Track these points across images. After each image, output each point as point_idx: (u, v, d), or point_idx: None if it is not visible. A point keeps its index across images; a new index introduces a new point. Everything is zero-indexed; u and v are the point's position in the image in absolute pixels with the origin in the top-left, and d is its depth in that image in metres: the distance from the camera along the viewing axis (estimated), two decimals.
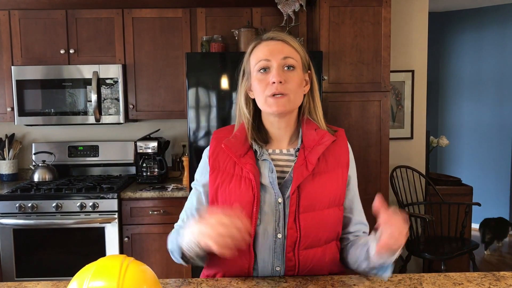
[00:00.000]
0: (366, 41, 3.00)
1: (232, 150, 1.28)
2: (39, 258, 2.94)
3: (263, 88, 1.25)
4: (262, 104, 1.27)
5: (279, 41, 1.27)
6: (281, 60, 1.24)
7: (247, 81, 1.32)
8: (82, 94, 3.19)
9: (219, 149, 1.32)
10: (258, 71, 1.26)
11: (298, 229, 1.23)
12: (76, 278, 0.93)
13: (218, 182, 1.29)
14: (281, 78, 1.22)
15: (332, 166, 1.29)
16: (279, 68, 1.23)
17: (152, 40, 3.24)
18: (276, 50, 1.25)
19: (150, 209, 2.98)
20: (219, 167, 1.31)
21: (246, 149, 1.29)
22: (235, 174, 1.28)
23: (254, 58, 1.28)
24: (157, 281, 0.99)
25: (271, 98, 1.24)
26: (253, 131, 1.31)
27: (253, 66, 1.28)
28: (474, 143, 5.37)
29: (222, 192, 1.28)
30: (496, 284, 1.23)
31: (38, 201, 2.89)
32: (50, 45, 3.23)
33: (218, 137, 1.36)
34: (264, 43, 1.28)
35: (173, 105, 3.27)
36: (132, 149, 3.49)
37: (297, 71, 1.26)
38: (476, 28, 5.28)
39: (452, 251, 3.21)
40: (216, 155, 1.32)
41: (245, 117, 1.33)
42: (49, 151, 3.44)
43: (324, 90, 2.96)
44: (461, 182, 3.93)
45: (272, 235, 1.25)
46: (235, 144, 1.29)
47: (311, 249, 1.26)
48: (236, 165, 1.28)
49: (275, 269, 1.27)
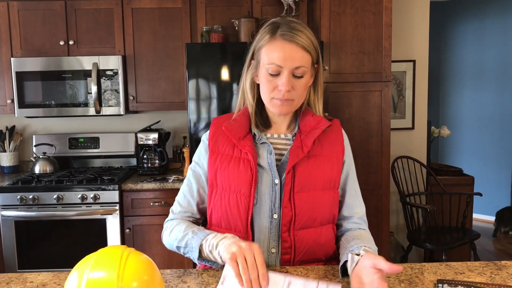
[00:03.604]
0: (367, 30, 2.98)
1: (232, 132, 1.31)
2: (41, 250, 2.95)
3: (270, 89, 1.27)
4: (267, 102, 1.30)
5: (294, 44, 1.23)
6: (293, 69, 1.23)
7: (255, 68, 1.32)
8: (82, 86, 3.17)
9: (219, 133, 1.36)
10: (268, 72, 1.25)
11: (292, 208, 1.27)
12: (76, 269, 0.93)
13: (217, 164, 1.33)
14: (289, 87, 1.24)
15: (327, 150, 1.33)
16: (289, 76, 1.24)
17: (152, 31, 3.22)
18: (290, 58, 1.22)
19: (151, 200, 2.98)
20: (218, 151, 1.35)
21: (246, 132, 1.33)
22: (234, 156, 1.32)
23: (267, 55, 1.25)
24: (157, 272, 0.99)
25: (277, 101, 1.27)
26: (256, 117, 1.35)
27: (264, 63, 1.26)
28: (476, 133, 5.36)
29: (221, 174, 1.32)
30: (498, 273, 1.23)
31: (39, 193, 2.89)
32: (50, 36, 3.21)
33: (218, 122, 1.40)
34: (280, 43, 1.24)
35: (173, 97, 3.26)
36: (133, 141, 3.48)
37: (306, 78, 1.27)
38: (478, 17, 5.24)
39: (454, 241, 3.21)
40: (216, 139, 1.36)
41: (249, 101, 1.35)
42: (49, 143, 3.44)
43: (325, 80, 2.95)
44: (462, 172, 3.92)
45: (268, 216, 1.28)
46: (235, 126, 1.33)
47: (306, 229, 1.28)
48: (235, 147, 1.32)
49: (271, 251, 1.29)
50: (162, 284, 0.99)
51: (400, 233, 3.76)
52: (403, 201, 3.46)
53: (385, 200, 3.08)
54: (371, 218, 3.09)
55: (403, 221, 3.71)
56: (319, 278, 1.18)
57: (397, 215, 3.76)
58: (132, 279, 0.91)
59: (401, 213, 3.71)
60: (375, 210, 3.07)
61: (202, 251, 1.22)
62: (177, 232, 1.32)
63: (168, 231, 1.36)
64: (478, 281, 1.18)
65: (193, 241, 1.24)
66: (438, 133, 4.00)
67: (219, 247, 1.15)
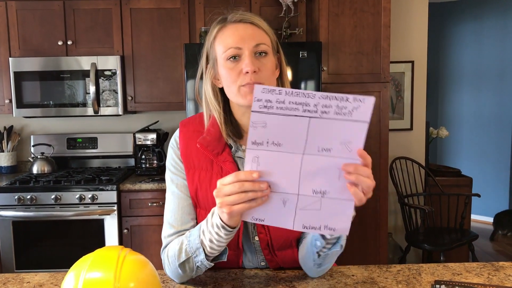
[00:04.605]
0: (366, 31, 2.98)
1: (208, 149, 1.18)
2: (38, 250, 2.94)
3: (234, 78, 1.13)
4: (234, 95, 1.15)
5: (249, 24, 1.14)
6: (253, 47, 1.12)
7: (213, 69, 1.19)
8: (81, 86, 3.17)
9: (192, 145, 1.21)
10: (227, 60, 1.13)
11: (267, 233, 1.20)
12: (73, 269, 0.93)
13: (196, 183, 1.20)
14: (254, 67, 1.10)
15: None
16: (251, 56, 1.12)
17: (150, 31, 3.22)
18: (247, 36, 1.12)
19: (149, 200, 2.98)
20: (195, 165, 1.21)
21: (223, 145, 1.19)
22: (214, 172, 1.19)
23: (221, 44, 1.14)
24: (154, 272, 0.99)
25: (245, 88, 1.12)
26: (226, 126, 1.19)
27: (220, 53, 1.14)
28: (474, 134, 5.36)
29: (202, 194, 1.19)
30: (495, 274, 1.23)
31: (37, 193, 2.88)
32: (48, 36, 3.21)
33: (187, 131, 1.25)
34: (232, 26, 1.14)
35: (172, 97, 3.26)
36: (131, 141, 3.48)
37: (270, 57, 1.15)
38: (477, 18, 5.25)
39: (452, 242, 3.21)
40: (189, 153, 1.22)
41: (215, 109, 1.20)
42: (48, 143, 3.43)
43: (323, 81, 2.95)
44: (460, 173, 3.93)
45: (251, 238, 1.23)
46: (211, 142, 1.18)
47: (285, 250, 1.24)
48: (213, 162, 1.19)
49: (260, 264, 1.28)
50: (159, 285, 0.99)
51: (399, 234, 3.75)
52: (401, 202, 3.46)
53: (384, 201, 3.08)
54: (369, 219, 3.11)
55: (401, 222, 3.71)
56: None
57: (396, 216, 3.76)
58: (129, 280, 0.91)
59: (399, 214, 3.71)
60: (374, 211, 3.07)
61: (204, 248, 1.09)
62: (173, 251, 1.16)
63: (166, 260, 1.19)
64: (475, 282, 1.18)
65: (192, 243, 1.11)
66: (436, 134, 4.01)
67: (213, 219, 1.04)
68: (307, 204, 0.94)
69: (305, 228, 0.96)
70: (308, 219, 0.95)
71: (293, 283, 1.18)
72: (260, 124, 0.92)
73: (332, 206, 0.93)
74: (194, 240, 1.10)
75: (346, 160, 0.90)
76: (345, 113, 0.88)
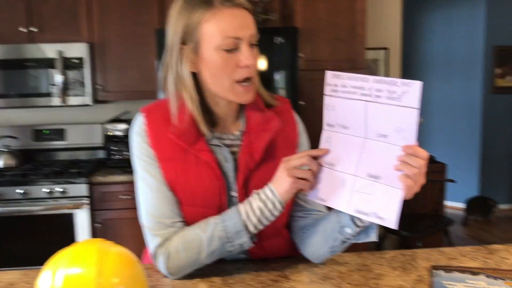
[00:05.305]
0: (342, 16, 2.94)
1: (182, 139, 1.08)
2: (6, 247, 2.82)
3: (228, 71, 1.04)
4: (224, 90, 1.06)
5: (241, 7, 1.04)
6: (249, 37, 1.04)
7: (193, 53, 1.05)
8: (46, 75, 3.01)
9: (162, 135, 1.10)
10: (222, 49, 1.02)
11: None
12: (49, 267, 0.84)
13: (172, 176, 1.10)
14: (255, 61, 1.04)
15: (282, 148, 1.14)
16: (249, 48, 1.04)
17: (120, 16, 3.08)
18: (245, 25, 1.03)
19: (121, 193, 2.88)
20: (168, 157, 1.10)
21: (197, 134, 1.10)
22: (188, 162, 1.10)
23: (215, 30, 1.01)
24: (139, 266, 0.92)
25: (239, 86, 1.05)
26: (202, 114, 1.09)
27: (213, 40, 1.02)
28: (445, 122, 5.43)
29: (181, 185, 1.10)
30: (490, 257, 1.20)
31: (3, 188, 2.75)
32: (9, 22, 3.03)
33: (156, 119, 1.13)
34: (229, 10, 1.02)
35: (144, 85, 3.14)
36: (101, 132, 3.34)
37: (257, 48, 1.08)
38: (446, 6, 5.29)
39: (428, 228, 3.24)
40: (161, 143, 1.11)
41: (190, 96, 1.08)
42: (12, 136, 3.26)
43: (300, 67, 2.89)
44: (434, 160, 3.95)
45: None
46: (184, 131, 1.09)
47: (274, 238, 1.17)
48: (187, 152, 1.10)
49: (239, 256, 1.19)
50: (145, 279, 0.91)
51: None
52: None
53: None
54: None
55: None
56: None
57: None
58: (112, 275, 0.84)
59: None
60: None
61: (247, 226, 1.03)
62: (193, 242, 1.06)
63: (174, 253, 1.08)
64: (472, 266, 1.15)
65: (230, 228, 1.04)
66: None
67: (268, 197, 1.03)
68: (361, 186, 0.96)
69: (356, 212, 0.97)
70: (361, 204, 0.96)
71: (285, 272, 1.13)
72: (331, 107, 1.00)
73: (383, 192, 0.94)
74: (235, 224, 1.04)
75: (400, 149, 0.92)
76: (395, 98, 0.90)
